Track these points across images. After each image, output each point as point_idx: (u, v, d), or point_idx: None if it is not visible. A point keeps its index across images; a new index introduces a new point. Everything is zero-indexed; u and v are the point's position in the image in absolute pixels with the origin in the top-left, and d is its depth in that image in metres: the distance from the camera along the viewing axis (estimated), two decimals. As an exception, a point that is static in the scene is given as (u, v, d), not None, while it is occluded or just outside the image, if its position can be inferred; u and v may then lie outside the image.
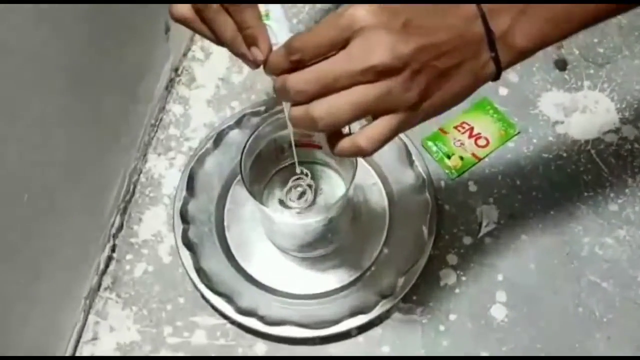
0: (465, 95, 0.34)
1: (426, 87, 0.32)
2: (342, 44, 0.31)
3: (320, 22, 0.32)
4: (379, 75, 0.30)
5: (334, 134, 0.34)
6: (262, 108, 0.59)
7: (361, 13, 0.30)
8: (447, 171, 0.58)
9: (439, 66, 0.31)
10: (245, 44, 0.35)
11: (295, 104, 0.32)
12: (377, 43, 0.30)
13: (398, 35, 0.30)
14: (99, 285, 0.55)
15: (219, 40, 0.36)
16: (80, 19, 0.45)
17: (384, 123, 0.32)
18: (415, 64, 0.31)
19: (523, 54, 0.34)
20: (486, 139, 0.59)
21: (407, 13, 0.31)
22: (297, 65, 0.32)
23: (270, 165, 0.55)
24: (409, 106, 0.32)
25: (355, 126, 0.33)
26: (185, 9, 0.36)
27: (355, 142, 0.33)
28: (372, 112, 0.32)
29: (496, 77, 0.34)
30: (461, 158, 0.58)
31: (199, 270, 0.53)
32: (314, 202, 0.54)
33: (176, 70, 0.64)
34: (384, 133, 0.32)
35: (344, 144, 0.33)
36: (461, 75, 0.32)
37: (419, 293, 0.54)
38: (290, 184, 0.54)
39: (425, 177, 0.55)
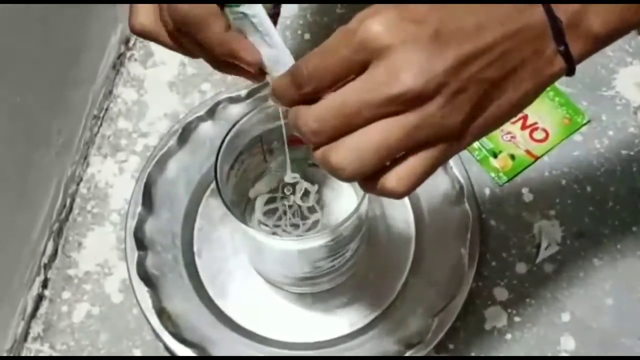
0: (526, 104, 0.33)
1: (473, 108, 0.31)
2: (359, 68, 0.31)
3: (330, 40, 0.31)
4: (409, 104, 0.30)
5: None
6: (243, 92, 0.59)
7: (377, 29, 0.30)
8: (493, 175, 0.58)
9: (489, 77, 0.31)
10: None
11: (314, 146, 0.33)
12: (402, 64, 0.30)
13: (428, 49, 0.30)
14: (26, 333, 0.55)
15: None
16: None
17: (420, 159, 0.32)
18: (455, 83, 0.30)
19: (600, 42, 0.34)
20: (545, 130, 0.59)
21: (436, 18, 0.30)
22: (308, 97, 0.32)
23: (255, 171, 0.54)
24: (452, 135, 0.31)
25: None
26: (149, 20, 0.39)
27: (383, 185, 0.32)
28: (405, 149, 0.31)
29: (569, 72, 0.34)
30: (512, 157, 0.58)
31: (161, 312, 0.52)
32: (313, 222, 0.54)
33: (127, 42, 0.63)
34: (420, 171, 0.32)
35: (369, 185, 0.33)
36: (519, 81, 0.32)
37: (458, 340, 0.53)
38: (265, 201, 0.54)
39: (463, 183, 0.55)
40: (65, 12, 0.55)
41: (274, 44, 0.37)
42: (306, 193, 0.54)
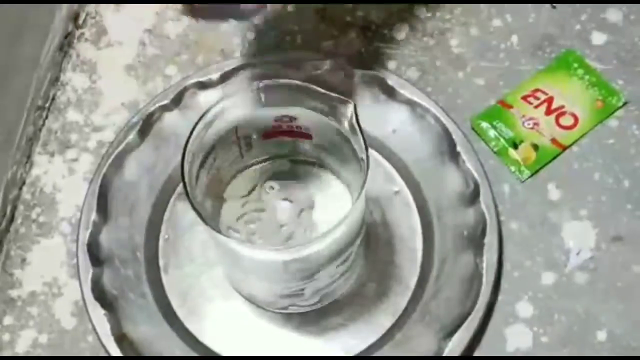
0: None
1: None
2: None
3: None
4: None
5: None
6: (215, 76, 0.59)
7: None
8: (513, 169, 0.58)
9: None
10: None
11: None
12: None
13: None
14: (-39, 367, 0.55)
15: None
16: None
17: None
18: None
19: None
20: (574, 115, 0.59)
21: None
22: None
23: (230, 169, 0.54)
24: None
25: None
26: None
27: None
28: None
29: None
30: (535, 147, 0.58)
31: (122, 339, 0.52)
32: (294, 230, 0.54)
33: (75, 19, 0.63)
34: None
35: None
36: None
37: (475, 365, 0.54)
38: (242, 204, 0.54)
39: (478, 179, 0.55)
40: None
41: None
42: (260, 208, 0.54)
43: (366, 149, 0.45)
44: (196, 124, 0.47)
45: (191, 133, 0.47)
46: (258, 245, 0.52)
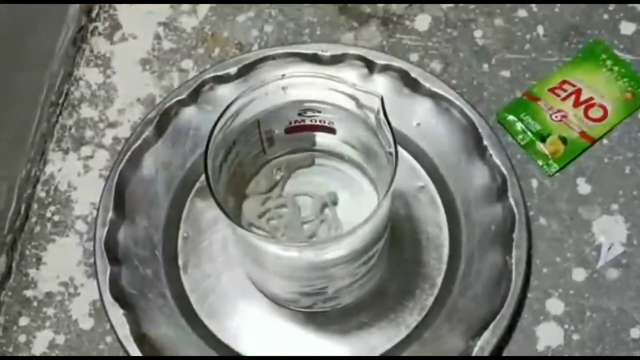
0: None
1: None
2: None
3: None
4: None
5: None
6: (233, 70, 0.59)
7: None
8: (541, 163, 0.58)
9: None
10: None
11: None
12: None
13: None
14: (-23, 370, 0.55)
15: None
16: None
17: None
18: None
19: None
20: (603, 107, 0.59)
21: None
22: None
23: (253, 164, 0.54)
24: None
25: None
26: None
27: None
28: None
29: None
30: (563, 140, 0.58)
31: (141, 340, 0.52)
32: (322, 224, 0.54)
33: (89, 13, 0.63)
34: None
35: None
36: None
37: (505, 364, 0.53)
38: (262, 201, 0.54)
39: (506, 174, 0.55)
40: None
41: None
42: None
43: (395, 143, 0.45)
44: (219, 118, 0.47)
45: (214, 127, 0.47)
46: (281, 242, 0.52)
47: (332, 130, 0.52)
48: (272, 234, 0.54)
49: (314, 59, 0.59)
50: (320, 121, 0.51)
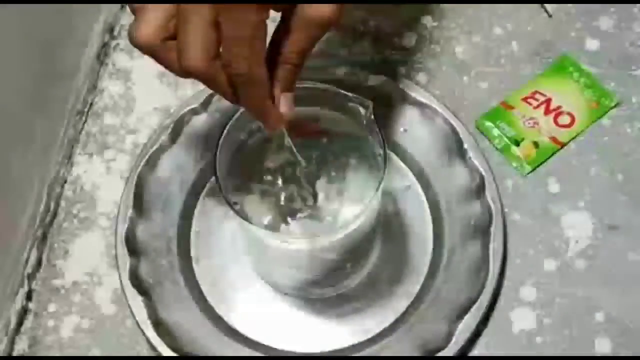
0: None
1: None
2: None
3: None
4: None
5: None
6: (241, 81, 0.59)
7: None
8: (515, 165, 0.58)
9: None
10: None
11: None
12: None
13: None
14: (11, 350, 0.54)
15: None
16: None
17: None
18: None
19: None
20: (570, 115, 0.59)
21: None
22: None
23: (259, 164, 0.53)
24: None
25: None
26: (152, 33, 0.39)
27: None
28: None
29: None
30: (535, 144, 0.58)
31: (158, 324, 0.52)
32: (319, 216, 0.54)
33: (111, 30, 0.63)
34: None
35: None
36: None
37: (483, 345, 0.53)
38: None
39: (484, 174, 0.55)
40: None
41: None
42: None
43: (384, 145, 0.45)
44: (227, 123, 0.47)
45: (222, 132, 0.46)
46: (282, 234, 0.52)
47: (329, 134, 0.51)
48: (277, 226, 0.53)
49: (312, 72, 0.58)
50: (318, 126, 0.51)
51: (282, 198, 0.54)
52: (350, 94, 0.46)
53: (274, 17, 0.39)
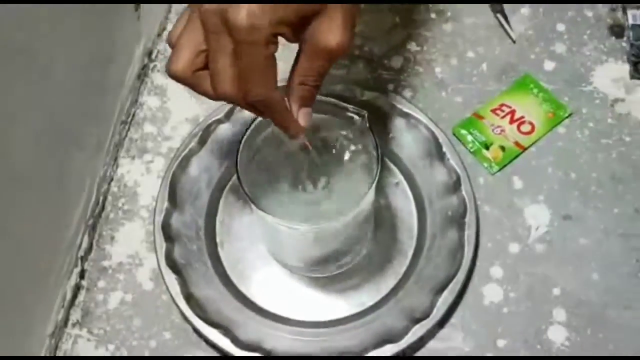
0: None
1: None
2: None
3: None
4: None
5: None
6: (257, 96, 0.58)
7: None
8: (485, 165, 0.57)
9: None
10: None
11: None
12: None
13: None
14: (66, 320, 0.54)
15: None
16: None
17: None
18: None
19: None
20: (531, 123, 0.58)
21: None
22: None
23: (274, 163, 0.53)
24: None
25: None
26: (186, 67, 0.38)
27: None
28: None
29: None
30: (502, 148, 0.57)
31: (189, 298, 0.51)
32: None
33: (149, 54, 0.62)
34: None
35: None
36: None
37: (459, 315, 0.52)
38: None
39: (459, 173, 0.54)
40: (96, 28, 0.54)
41: None
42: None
43: (377, 148, 0.44)
44: (246, 130, 0.46)
45: (242, 138, 0.46)
46: (292, 222, 0.51)
47: (330, 138, 0.50)
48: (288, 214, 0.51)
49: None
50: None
51: (293, 191, 0.53)
52: (349, 106, 0.46)
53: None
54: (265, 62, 0.37)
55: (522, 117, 0.58)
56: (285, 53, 0.39)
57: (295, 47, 0.39)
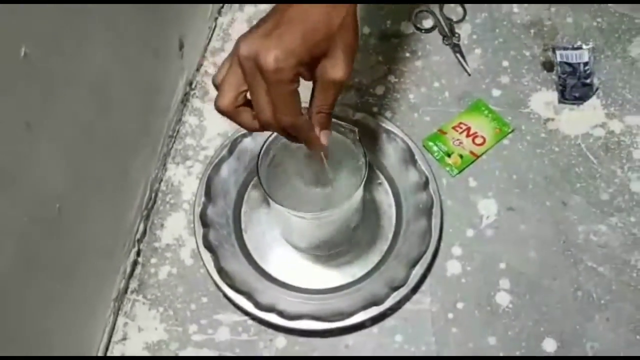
0: None
1: None
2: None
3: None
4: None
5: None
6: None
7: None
8: (447, 169, 0.58)
9: None
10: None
11: None
12: None
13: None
14: (127, 288, 0.55)
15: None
16: (102, 43, 0.45)
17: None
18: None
19: None
20: (483, 137, 0.59)
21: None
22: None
23: (289, 165, 0.53)
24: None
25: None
26: (229, 103, 0.38)
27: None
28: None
29: None
30: (460, 156, 0.58)
31: (220, 271, 0.52)
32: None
33: (190, 84, 0.63)
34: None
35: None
36: None
37: (428, 284, 0.53)
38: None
39: (428, 175, 0.55)
40: (151, 67, 0.55)
41: None
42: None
43: (365, 156, 0.45)
44: (264, 142, 0.47)
45: (261, 149, 0.47)
46: (299, 212, 0.52)
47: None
48: (297, 205, 0.50)
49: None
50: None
51: (301, 188, 0.54)
52: (343, 123, 0.47)
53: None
54: (291, 96, 0.37)
55: (476, 132, 0.59)
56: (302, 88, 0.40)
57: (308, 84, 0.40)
